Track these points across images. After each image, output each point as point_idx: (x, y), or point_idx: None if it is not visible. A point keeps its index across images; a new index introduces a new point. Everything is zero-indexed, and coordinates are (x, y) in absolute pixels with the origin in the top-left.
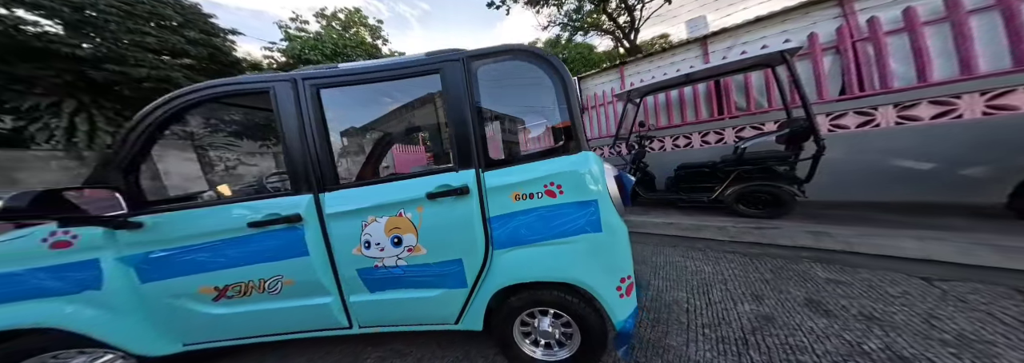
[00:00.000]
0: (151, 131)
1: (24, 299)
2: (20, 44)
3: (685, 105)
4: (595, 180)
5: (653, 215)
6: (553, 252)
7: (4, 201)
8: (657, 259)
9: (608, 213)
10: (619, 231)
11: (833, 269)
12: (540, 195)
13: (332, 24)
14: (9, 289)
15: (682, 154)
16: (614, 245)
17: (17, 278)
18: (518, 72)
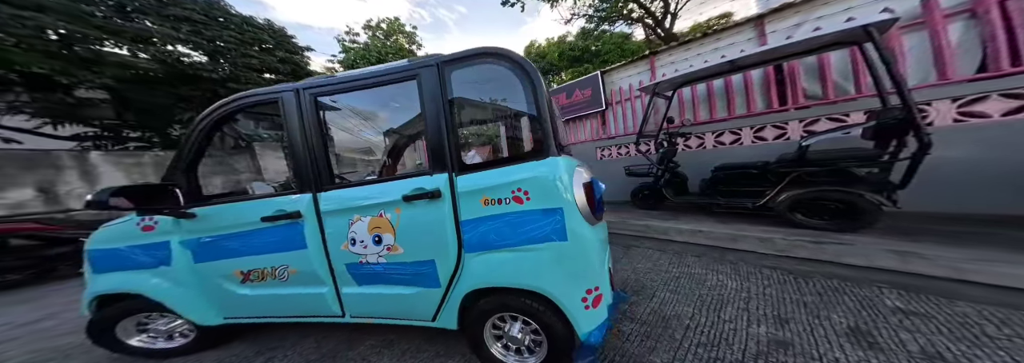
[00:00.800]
0: (199, 139)
1: (125, 269)
2: (180, 72)
3: (733, 96)
4: (561, 188)
5: (681, 220)
6: (520, 258)
7: (91, 195)
8: (674, 269)
9: (574, 222)
10: (586, 241)
11: (914, 299)
12: (508, 201)
13: (376, 34)
14: (117, 261)
15: (727, 152)
16: (580, 255)
17: (121, 253)
18: (492, 76)
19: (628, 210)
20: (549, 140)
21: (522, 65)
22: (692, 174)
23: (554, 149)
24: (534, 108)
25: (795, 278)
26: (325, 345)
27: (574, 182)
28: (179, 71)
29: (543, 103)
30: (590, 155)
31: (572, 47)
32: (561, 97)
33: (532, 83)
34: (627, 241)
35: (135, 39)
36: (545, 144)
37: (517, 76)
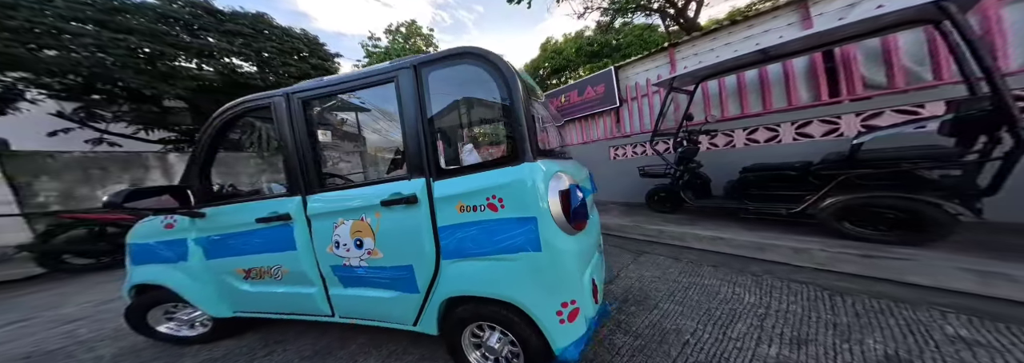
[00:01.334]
0: (207, 144)
1: (154, 262)
2: (235, 81)
3: (768, 88)
4: (535, 195)
5: (701, 226)
6: (495, 268)
7: (107, 196)
8: (684, 279)
9: (549, 232)
10: (561, 252)
11: (985, 328)
12: (483, 208)
13: (396, 38)
14: (148, 255)
15: (761, 151)
16: (555, 267)
17: (151, 247)
18: (469, 77)
19: (643, 213)
20: (524, 144)
21: (497, 65)
22: (717, 175)
23: (529, 154)
24: (509, 109)
25: (831, 295)
26: (320, 342)
27: (550, 189)
28: (234, 81)
29: (518, 105)
30: (603, 155)
31: (590, 42)
32: (572, 94)
33: (507, 84)
34: (639, 246)
35: (199, 53)
36: (520, 149)
37: (492, 77)
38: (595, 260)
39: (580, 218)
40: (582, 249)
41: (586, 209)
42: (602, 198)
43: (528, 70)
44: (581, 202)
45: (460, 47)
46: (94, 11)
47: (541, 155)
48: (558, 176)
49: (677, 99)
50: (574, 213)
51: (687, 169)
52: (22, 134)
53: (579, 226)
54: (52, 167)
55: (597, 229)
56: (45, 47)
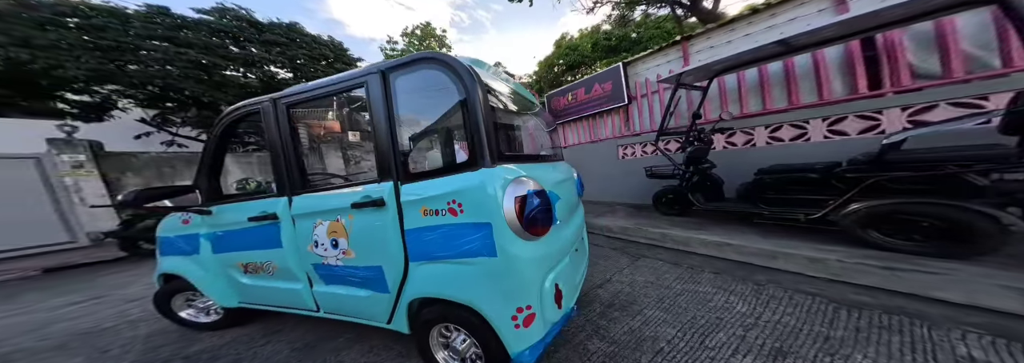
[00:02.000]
0: (213, 147)
1: (175, 255)
2: (274, 88)
3: (794, 81)
4: (490, 201)
5: (708, 230)
6: (455, 271)
7: (121, 196)
8: (678, 286)
9: (503, 238)
10: (516, 258)
11: (1007, 350)
12: (444, 212)
13: (412, 40)
14: (171, 247)
15: (786, 151)
16: (510, 272)
17: (172, 241)
18: (433, 82)
19: (649, 215)
20: (482, 150)
21: (457, 70)
22: (731, 177)
23: (488, 159)
24: (468, 114)
25: (835, 308)
26: (311, 335)
27: (506, 195)
28: (273, 87)
29: (477, 111)
30: (611, 154)
31: (607, 36)
32: (580, 92)
33: (466, 89)
34: (639, 250)
35: (244, 63)
36: (478, 154)
37: (453, 82)
38: (564, 264)
39: (538, 224)
40: (544, 254)
41: (547, 215)
42: (609, 199)
43: (541, 67)
44: (539, 208)
45: (422, 52)
46: (163, 29)
47: (505, 160)
48: (519, 181)
49: (691, 96)
50: (530, 219)
51: (697, 170)
52: (113, 137)
53: (538, 232)
54: (135, 165)
55: (574, 231)
56: (129, 63)
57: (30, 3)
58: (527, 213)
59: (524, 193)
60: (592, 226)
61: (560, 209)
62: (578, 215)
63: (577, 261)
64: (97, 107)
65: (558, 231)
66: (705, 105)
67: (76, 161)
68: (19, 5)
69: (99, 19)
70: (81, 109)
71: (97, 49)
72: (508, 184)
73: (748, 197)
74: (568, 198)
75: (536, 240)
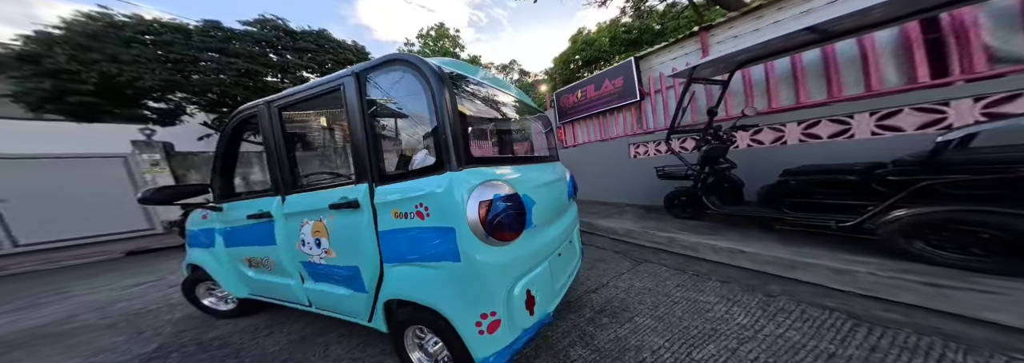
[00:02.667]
0: (223, 147)
1: (199, 247)
2: None
3: (835, 70)
4: (453, 206)
5: (721, 236)
6: (422, 274)
7: (141, 193)
8: (678, 293)
9: (467, 243)
10: (480, 264)
11: None
12: (412, 215)
13: (427, 41)
14: (195, 239)
15: (824, 149)
16: (474, 278)
17: (196, 234)
18: (403, 83)
19: (659, 218)
20: (448, 153)
21: (424, 72)
22: (755, 178)
23: (454, 163)
24: (433, 116)
25: (854, 326)
26: (308, 328)
27: (470, 199)
28: None
29: (443, 113)
30: (622, 153)
31: (627, 29)
32: (589, 89)
33: (433, 91)
34: (643, 254)
35: (281, 69)
36: (444, 157)
37: (421, 84)
38: (539, 270)
39: (506, 230)
40: (513, 260)
41: (517, 219)
42: (618, 199)
43: (557, 64)
44: (507, 213)
45: (391, 54)
46: (215, 41)
47: (478, 162)
48: (487, 185)
49: (710, 91)
50: (496, 224)
51: (713, 171)
52: (182, 139)
53: (505, 237)
54: (197, 163)
55: (558, 234)
56: (192, 73)
57: (117, 23)
58: (492, 218)
59: (490, 198)
60: (596, 227)
61: (542, 212)
62: (567, 217)
63: (561, 265)
64: (170, 113)
65: (534, 235)
66: (726, 100)
67: (153, 160)
68: (109, 26)
69: (168, 35)
70: (159, 115)
71: (168, 62)
72: (474, 188)
73: (771, 200)
74: (554, 200)
75: (504, 245)
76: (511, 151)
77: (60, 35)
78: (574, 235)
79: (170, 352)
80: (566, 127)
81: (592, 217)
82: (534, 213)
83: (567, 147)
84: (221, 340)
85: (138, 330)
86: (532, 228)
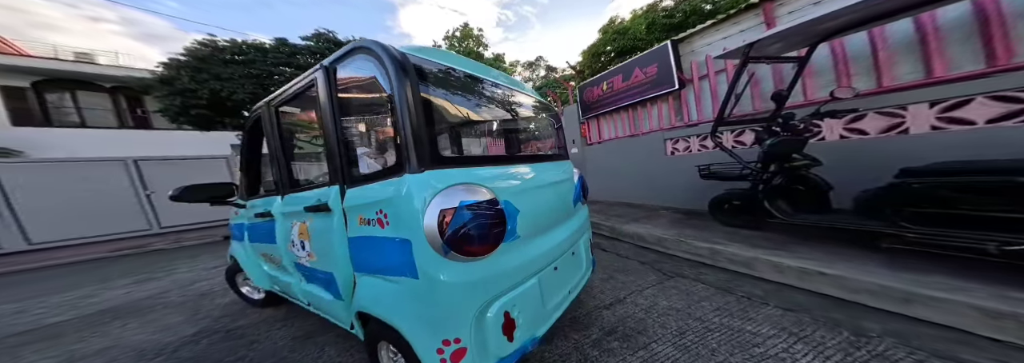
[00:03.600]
0: (245, 148)
1: (235, 239)
2: None
3: (1000, 25)
4: (410, 214)
5: (790, 251)
6: (386, 289)
7: (172, 191)
8: (716, 319)
9: (424, 258)
10: (441, 283)
11: None
12: (375, 222)
13: (452, 42)
14: (233, 232)
15: (965, 139)
16: (433, 298)
17: (232, 227)
18: (368, 73)
19: (700, 225)
20: (408, 153)
21: (383, 60)
22: (849, 179)
23: (413, 163)
24: (393, 110)
25: None
26: (313, 326)
27: (430, 207)
28: None
29: (402, 106)
30: (656, 149)
31: (668, 13)
32: (616, 80)
33: (392, 82)
34: (677, 267)
35: None
36: (404, 157)
37: (380, 73)
38: (525, 288)
39: (474, 243)
40: (485, 278)
41: (489, 230)
42: (651, 201)
43: (585, 57)
44: (475, 223)
45: (356, 41)
46: (284, 56)
47: (445, 163)
48: (453, 191)
49: (780, 71)
50: (461, 237)
51: (781, 169)
52: None
53: (473, 251)
54: None
55: (558, 243)
56: (270, 86)
57: (220, 47)
58: (456, 230)
59: (454, 205)
60: (620, 233)
61: (533, 219)
62: (571, 224)
63: (558, 281)
64: None
65: (520, 247)
66: (803, 81)
67: None
68: (215, 50)
69: (252, 54)
70: None
71: (253, 77)
72: (436, 194)
73: (877, 209)
74: (553, 205)
75: (473, 261)
76: (504, 150)
77: (184, 60)
78: (581, 245)
79: (202, 338)
80: (590, 122)
81: (616, 221)
82: (520, 222)
83: (591, 144)
84: (243, 330)
85: (195, 311)
86: (516, 240)
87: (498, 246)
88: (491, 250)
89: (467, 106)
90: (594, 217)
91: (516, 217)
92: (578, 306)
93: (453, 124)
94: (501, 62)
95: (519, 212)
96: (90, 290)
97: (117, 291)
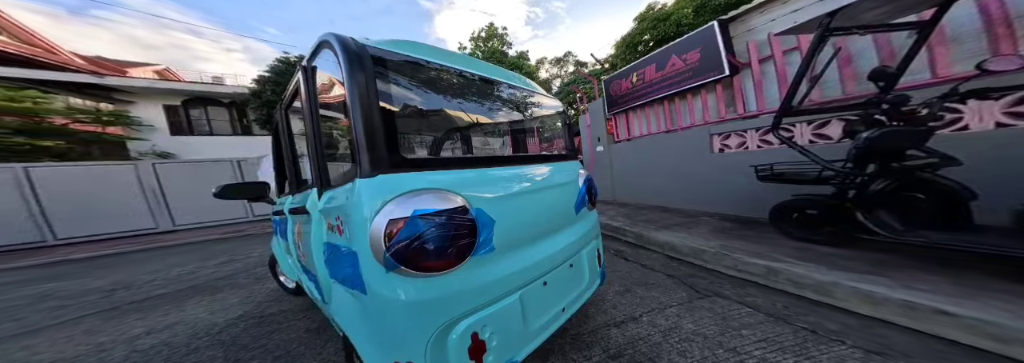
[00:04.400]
0: (273, 147)
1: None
2: None
3: None
4: (359, 223)
5: (890, 278)
6: (347, 300)
7: (215, 188)
8: (757, 351)
9: (371, 272)
10: (389, 300)
11: None
12: (336, 229)
13: (478, 43)
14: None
15: None
16: (382, 317)
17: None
18: (332, 70)
19: (757, 237)
20: (359, 153)
21: (337, 52)
22: (999, 184)
23: (366, 166)
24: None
25: None
26: (325, 320)
27: (377, 216)
28: None
29: (354, 102)
30: (700, 146)
31: None
32: (648, 70)
33: (344, 76)
34: (715, 284)
35: None
36: (357, 160)
37: (336, 68)
38: (503, 306)
39: (429, 257)
40: (450, 294)
41: (451, 243)
42: (691, 206)
43: (618, 49)
44: (432, 234)
45: (322, 35)
46: None
47: (409, 166)
48: (409, 198)
49: (883, 42)
50: (413, 250)
51: (888, 170)
52: None
53: (431, 266)
54: None
55: (551, 255)
56: None
57: (292, 62)
58: (399, 243)
59: (405, 215)
60: (648, 241)
61: (518, 229)
62: (571, 233)
63: (547, 297)
64: None
65: (496, 261)
66: (927, 52)
67: None
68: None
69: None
70: None
71: None
72: (387, 202)
73: None
74: (546, 211)
75: (432, 276)
76: (490, 150)
77: (267, 76)
78: (583, 256)
79: (241, 321)
80: (617, 118)
81: (644, 227)
82: (498, 232)
83: (619, 141)
84: (274, 317)
85: (248, 294)
86: (490, 253)
87: (464, 260)
88: (454, 265)
89: (446, 103)
90: (618, 222)
91: (492, 227)
92: (584, 321)
93: (427, 123)
94: (525, 59)
95: (496, 222)
96: (192, 268)
97: (208, 270)
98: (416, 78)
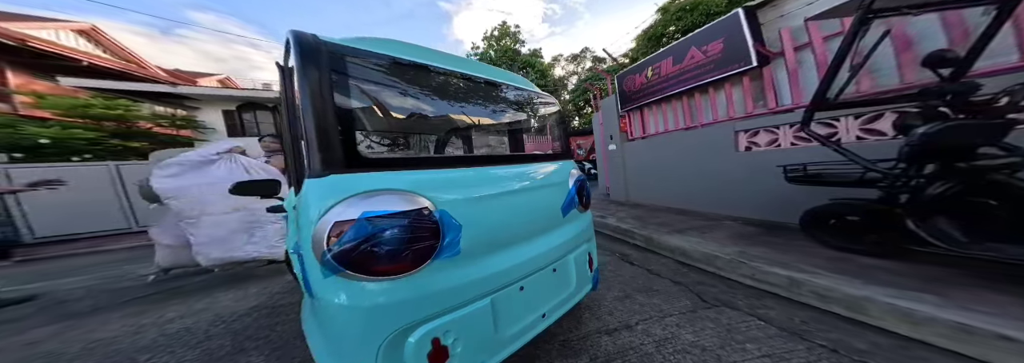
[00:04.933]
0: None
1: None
2: None
3: None
4: (306, 225)
5: (940, 296)
6: (308, 301)
7: (231, 185)
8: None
9: (316, 275)
10: (334, 306)
11: None
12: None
13: (491, 42)
14: None
15: None
16: (329, 320)
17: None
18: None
19: (784, 244)
20: (309, 152)
21: (290, 47)
22: None
23: (316, 166)
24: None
25: None
26: None
27: (324, 218)
28: None
29: (304, 98)
30: (723, 144)
31: None
32: (664, 64)
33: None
34: (726, 294)
35: None
36: (306, 160)
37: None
38: (469, 311)
39: (382, 262)
40: (407, 299)
41: (405, 247)
42: (712, 209)
43: (639, 42)
44: (383, 236)
45: (290, 31)
46: None
47: (367, 166)
48: (360, 199)
49: (949, 25)
50: (355, 254)
51: (951, 171)
52: None
53: (381, 270)
54: None
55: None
56: None
57: None
58: (342, 245)
59: (353, 217)
60: (658, 245)
61: (491, 232)
62: (558, 235)
63: (526, 302)
64: None
65: (462, 265)
66: (1019, 31)
67: None
68: None
69: None
70: None
71: None
72: (336, 203)
73: None
74: (528, 213)
75: (385, 280)
76: (466, 150)
77: None
78: (570, 260)
79: (254, 311)
80: (631, 115)
81: (655, 230)
82: (467, 235)
83: (632, 139)
84: (284, 308)
85: (268, 285)
86: (455, 256)
87: (424, 264)
88: (410, 268)
89: (422, 101)
90: (628, 224)
91: (458, 230)
92: (576, 326)
93: (401, 122)
94: (538, 57)
95: (463, 224)
96: None
97: None
98: (388, 76)
